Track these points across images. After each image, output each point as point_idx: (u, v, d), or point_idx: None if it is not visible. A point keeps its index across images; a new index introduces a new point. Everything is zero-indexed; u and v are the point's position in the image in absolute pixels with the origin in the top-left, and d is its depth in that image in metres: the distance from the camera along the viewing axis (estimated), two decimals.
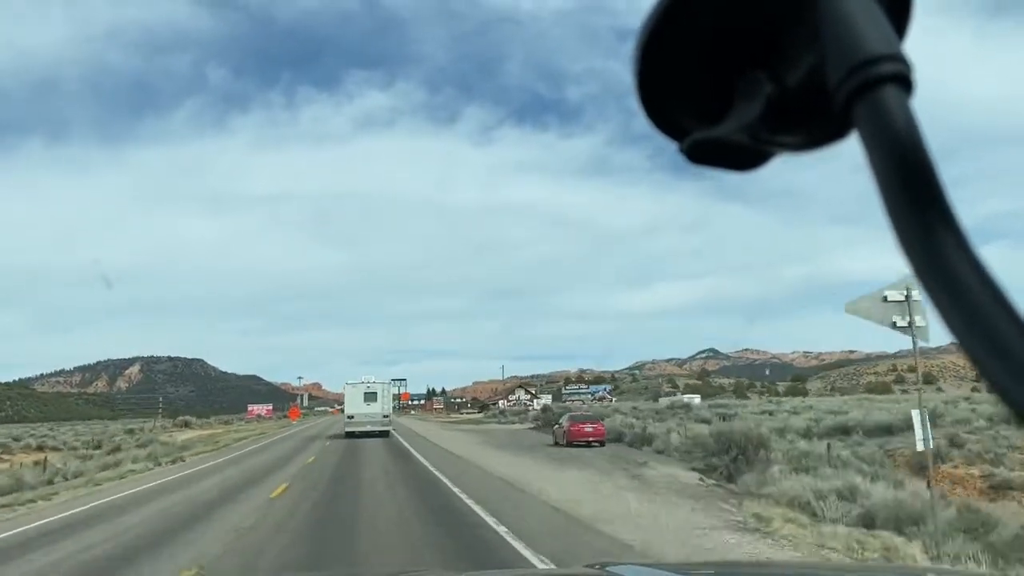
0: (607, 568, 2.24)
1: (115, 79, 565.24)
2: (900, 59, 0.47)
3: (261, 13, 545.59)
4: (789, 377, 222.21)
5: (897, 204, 0.44)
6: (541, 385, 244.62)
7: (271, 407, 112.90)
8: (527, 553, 8.49)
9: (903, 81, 0.46)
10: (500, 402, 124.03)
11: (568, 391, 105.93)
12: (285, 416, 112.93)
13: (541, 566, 7.67)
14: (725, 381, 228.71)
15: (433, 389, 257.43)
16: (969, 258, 0.42)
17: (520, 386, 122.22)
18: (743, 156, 0.58)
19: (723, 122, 0.58)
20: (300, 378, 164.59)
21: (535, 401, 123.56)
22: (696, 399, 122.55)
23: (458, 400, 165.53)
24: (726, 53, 0.57)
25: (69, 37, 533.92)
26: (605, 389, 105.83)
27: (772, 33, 0.55)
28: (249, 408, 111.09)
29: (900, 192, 0.44)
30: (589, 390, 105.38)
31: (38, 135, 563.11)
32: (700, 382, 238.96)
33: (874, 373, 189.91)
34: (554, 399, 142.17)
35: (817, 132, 0.55)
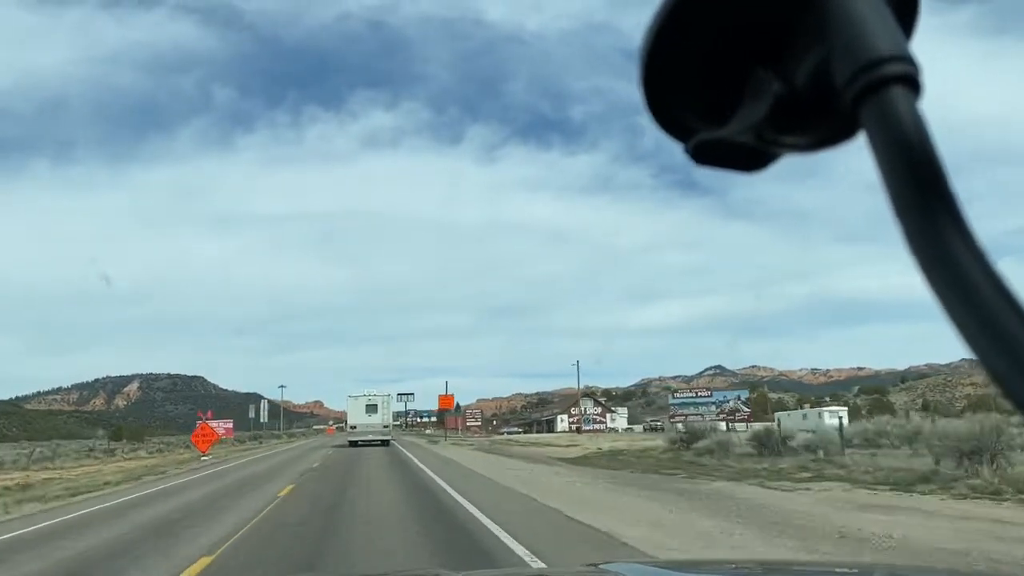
0: (601, 567, 2.13)
1: (121, 99, 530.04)
2: (908, 60, 0.44)
3: (267, 33, 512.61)
4: (856, 389, 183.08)
5: (905, 205, 0.41)
6: (558, 401, 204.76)
7: (231, 425, 73.09)
8: None
9: (911, 82, 0.43)
10: (561, 418, 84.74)
11: (678, 400, 66.53)
12: (253, 440, 73.60)
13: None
14: (773, 396, 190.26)
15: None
16: (978, 258, 0.40)
17: (587, 395, 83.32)
18: (749, 157, 0.55)
19: (729, 122, 0.54)
20: (282, 387, 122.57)
21: (609, 416, 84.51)
22: (842, 413, 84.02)
23: (486, 416, 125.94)
24: (732, 53, 0.53)
25: (75, 58, 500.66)
26: (739, 397, 66.40)
27: (779, 32, 0.51)
28: (199, 426, 71.09)
29: (908, 193, 0.41)
30: (712, 399, 66.04)
31: (44, 155, 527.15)
32: (753, 394, 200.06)
33: (971, 385, 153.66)
34: (631, 414, 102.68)
35: (824, 133, 0.52)
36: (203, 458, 32.67)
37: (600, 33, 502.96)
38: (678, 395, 67.77)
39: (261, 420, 60.05)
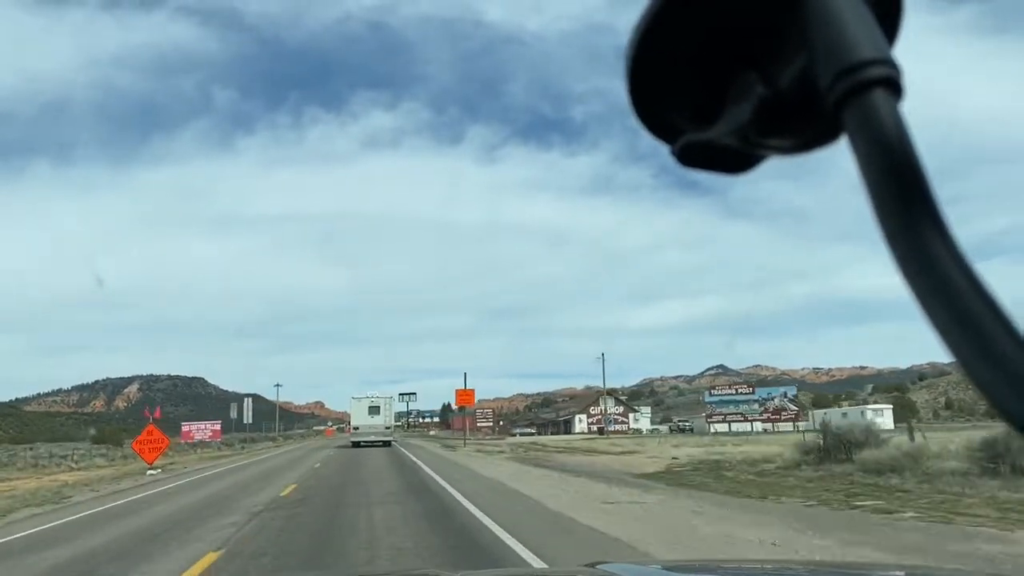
0: (599, 567, 2.08)
1: (122, 101, 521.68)
2: (889, 63, 0.44)
3: (269, 34, 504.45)
4: (869, 388, 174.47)
5: (886, 207, 0.41)
6: (563, 401, 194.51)
7: (219, 427, 64.67)
8: None
9: (892, 85, 0.43)
10: (579, 417, 76.16)
11: (716, 398, 58.18)
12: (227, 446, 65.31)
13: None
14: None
15: (448, 404, 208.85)
16: (957, 260, 0.39)
17: (608, 393, 74.80)
18: (734, 159, 0.54)
19: (715, 124, 0.53)
20: (278, 386, 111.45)
21: (632, 416, 75.90)
22: (886, 411, 75.41)
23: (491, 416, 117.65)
24: (718, 55, 0.52)
25: (77, 61, 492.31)
26: (786, 394, 58.01)
27: (763, 36, 0.50)
28: (184, 428, 63.06)
29: (889, 195, 0.41)
30: (754, 396, 57.61)
31: (45, 157, 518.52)
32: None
33: None
34: (656, 413, 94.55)
35: (807, 135, 0.51)
36: (149, 472, 24.26)
37: (600, 34, 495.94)
38: (715, 392, 59.32)
39: (245, 421, 51.50)
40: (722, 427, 57.35)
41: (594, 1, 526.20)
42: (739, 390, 58.55)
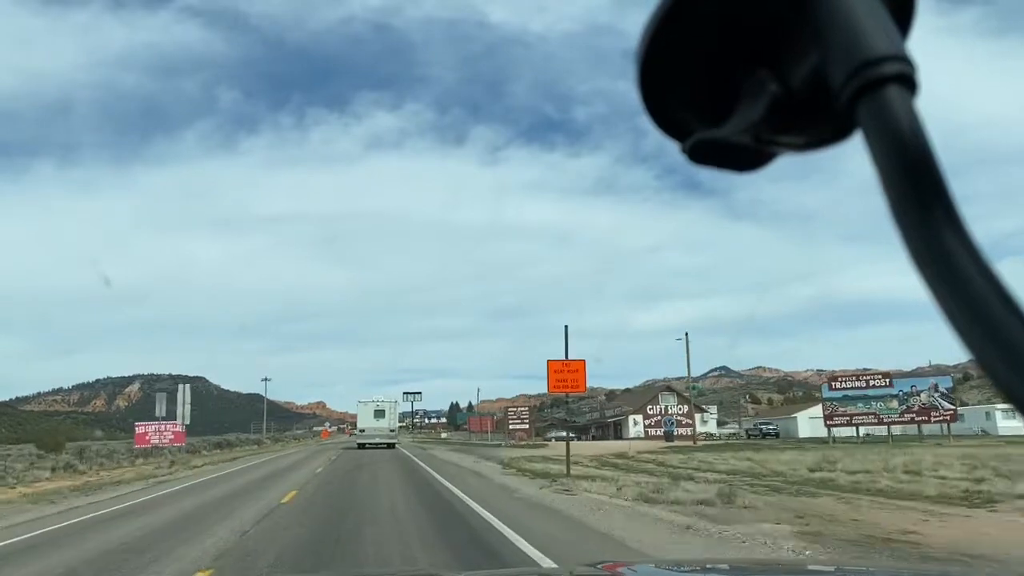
0: (599, 565, 2.05)
1: (126, 102, 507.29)
2: (904, 59, 0.42)
3: (272, 36, 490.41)
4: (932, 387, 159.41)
5: (901, 204, 0.40)
6: (573, 402, 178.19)
7: (181, 428, 48.90)
8: None
9: (907, 81, 0.42)
10: (634, 419, 60.72)
11: (838, 393, 42.76)
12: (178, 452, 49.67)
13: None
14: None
15: (457, 404, 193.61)
16: (973, 254, 0.38)
17: (668, 388, 59.34)
18: (746, 156, 0.52)
19: (726, 122, 0.52)
20: (266, 380, 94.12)
21: (699, 417, 60.66)
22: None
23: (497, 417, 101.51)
24: (729, 53, 0.51)
25: (81, 61, 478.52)
26: (937, 386, 42.59)
27: (776, 33, 0.49)
28: (138, 430, 46.76)
29: (904, 192, 0.40)
30: (892, 390, 42.36)
31: (48, 157, 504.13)
32: (782, 396, 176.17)
33: None
34: (734, 417, 78.88)
35: (821, 132, 0.50)
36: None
37: (603, 35, 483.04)
38: (838, 385, 43.92)
39: (184, 421, 36.80)
40: (841, 431, 42.27)
41: (597, 2, 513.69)
42: (871, 382, 43.09)
